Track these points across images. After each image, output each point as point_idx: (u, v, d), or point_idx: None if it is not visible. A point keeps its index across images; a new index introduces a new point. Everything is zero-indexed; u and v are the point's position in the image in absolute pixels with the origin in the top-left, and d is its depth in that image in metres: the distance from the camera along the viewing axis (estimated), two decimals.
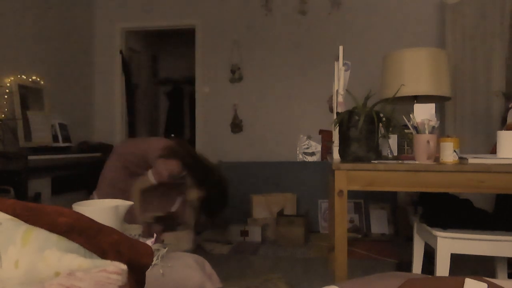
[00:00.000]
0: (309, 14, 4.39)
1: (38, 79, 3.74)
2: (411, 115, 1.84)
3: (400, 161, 1.77)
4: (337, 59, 2.14)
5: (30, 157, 3.05)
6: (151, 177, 2.57)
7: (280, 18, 4.46)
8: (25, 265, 0.58)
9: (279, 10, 4.46)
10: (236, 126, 4.54)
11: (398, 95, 2.44)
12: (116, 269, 0.55)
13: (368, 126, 1.76)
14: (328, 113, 4.32)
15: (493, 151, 2.28)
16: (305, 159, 4.32)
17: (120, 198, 1.35)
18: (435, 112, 1.94)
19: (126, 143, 3.22)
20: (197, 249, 3.40)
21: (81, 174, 4.20)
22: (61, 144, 3.75)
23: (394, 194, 3.97)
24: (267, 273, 2.74)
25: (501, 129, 2.10)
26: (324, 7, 4.36)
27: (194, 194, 2.70)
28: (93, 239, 0.67)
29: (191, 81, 5.57)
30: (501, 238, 1.75)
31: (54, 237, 0.61)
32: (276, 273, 2.75)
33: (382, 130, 1.90)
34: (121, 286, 0.55)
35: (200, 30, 4.64)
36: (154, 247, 1.33)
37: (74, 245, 0.61)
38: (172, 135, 6.45)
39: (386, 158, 1.96)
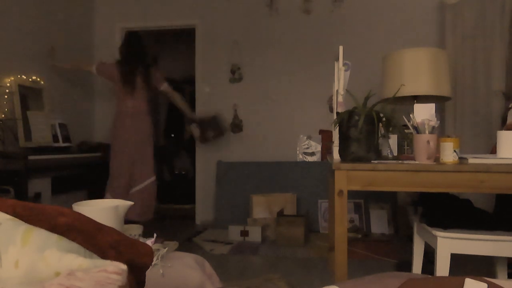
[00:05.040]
0: (313, 14, 4.39)
1: (38, 79, 3.74)
2: (411, 115, 1.84)
3: (400, 161, 1.77)
4: (337, 59, 2.14)
5: (30, 157, 3.05)
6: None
7: (284, 18, 4.46)
8: (25, 265, 0.58)
9: (284, 9, 4.45)
10: (236, 126, 4.54)
11: (398, 95, 2.44)
12: (116, 269, 0.55)
13: (368, 126, 1.76)
14: (328, 113, 4.32)
15: (493, 151, 2.28)
16: (305, 159, 4.32)
17: None
18: (435, 112, 1.94)
19: None
20: (197, 249, 3.40)
21: (81, 174, 4.20)
22: (61, 144, 3.74)
23: (394, 194, 3.97)
24: (267, 273, 2.74)
25: (501, 129, 2.10)
26: (326, 6, 4.36)
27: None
28: (93, 239, 0.67)
29: (191, 81, 5.57)
30: (501, 238, 1.75)
31: (54, 237, 0.61)
32: (276, 273, 2.75)
33: (382, 130, 1.90)
34: (121, 286, 0.55)
35: (200, 30, 4.64)
36: (154, 247, 1.33)
37: (74, 245, 0.61)
38: (172, 135, 6.46)
39: (386, 158, 1.96)
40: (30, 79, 3.64)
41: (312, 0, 4.39)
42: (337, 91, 2.13)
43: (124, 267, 0.56)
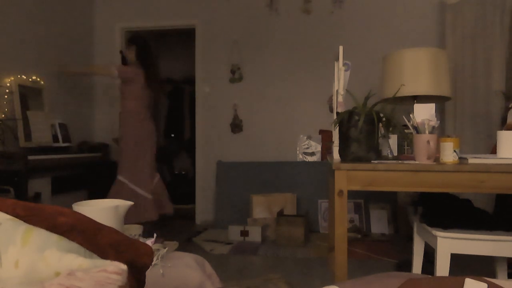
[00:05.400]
0: (313, 14, 4.40)
1: (38, 79, 3.74)
2: (411, 115, 1.84)
3: (400, 161, 1.77)
4: (337, 59, 2.14)
5: (30, 157, 3.05)
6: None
7: (284, 18, 4.46)
8: (25, 265, 0.58)
9: (284, 9, 4.46)
10: (236, 126, 4.55)
11: (398, 95, 2.44)
12: (116, 269, 0.55)
13: (368, 126, 1.76)
14: (328, 113, 4.33)
15: (493, 151, 2.28)
16: (305, 159, 4.32)
17: None
18: (435, 112, 1.94)
19: None
20: (197, 249, 3.40)
21: (81, 174, 4.21)
22: (61, 144, 3.75)
23: (394, 194, 3.97)
24: (267, 273, 2.74)
25: (501, 129, 2.10)
26: (326, 6, 4.36)
27: None
28: (93, 239, 0.67)
29: (191, 81, 5.58)
30: (501, 238, 1.75)
31: (54, 237, 0.61)
32: (276, 273, 2.75)
33: (382, 130, 1.90)
34: (121, 286, 0.55)
35: (200, 30, 4.64)
36: (154, 247, 1.33)
37: (74, 245, 0.61)
38: (172, 135, 6.46)
39: (386, 158, 1.96)
40: (30, 79, 3.64)
41: (312, 0, 4.39)
42: (337, 91, 2.13)
43: (124, 267, 0.56)
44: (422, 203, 2.18)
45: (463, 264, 2.81)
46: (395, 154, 2.09)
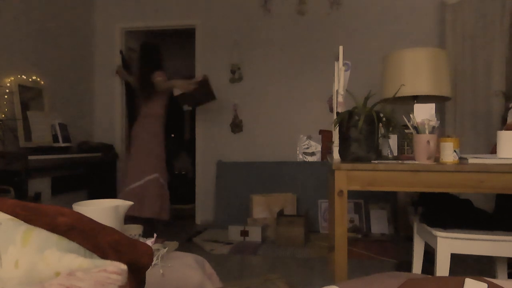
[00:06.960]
0: (308, 15, 4.40)
1: (38, 79, 3.74)
2: (411, 115, 1.84)
3: (400, 161, 1.77)
4: (337, 59, 2.14)
5: (30, 157, 3.05)
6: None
7: (279, 18, 4.46)
8: (25, 265, 0.58)
9: (278, 10, 4.46)
10: (236, 126, 4.54)
11: (398, 95, 2.44)
12: (116, 269, 0.55)
13: (368, 126, 1.76)
14: (328, 113, 4.32)
15: (493, 151, 2.28)
16: (305, 159, 4.32)
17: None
18: (435, 112, 1.94)
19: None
20: (197, 249, 3.40)
21: (81, 174, 4.21)
22: (61, 144, 3.74)
23: (394, 194, 3.97)
24: (267, 273, 2.74)
25: (501, 129, 2.10)
26: (323, 8, 4.37)
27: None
28: (93, 239, 0.67)
29: None
30: (501, 238, 1.75)
31: (54, 237, 0.61)
32: (276, 273, 2.75)
33: (382, 130, 1.90)
34: (121, 286, 0.55)
35: (200, 30, 4.64)
36: (154, 247, 1.33)
37: (74, 245, 0.61)
38: (172, 135, 6.46)
39: (386, 158, 1.96)
40: (30, 79, 3.64)
41: (311, 1, 4.39)
42: (337, 91, 2.12)
43: (124, 267, 0.56)
44: (422, 203, 2.18)
45: (463, 264, 2.81)
46: (395, 154, 2.09)
